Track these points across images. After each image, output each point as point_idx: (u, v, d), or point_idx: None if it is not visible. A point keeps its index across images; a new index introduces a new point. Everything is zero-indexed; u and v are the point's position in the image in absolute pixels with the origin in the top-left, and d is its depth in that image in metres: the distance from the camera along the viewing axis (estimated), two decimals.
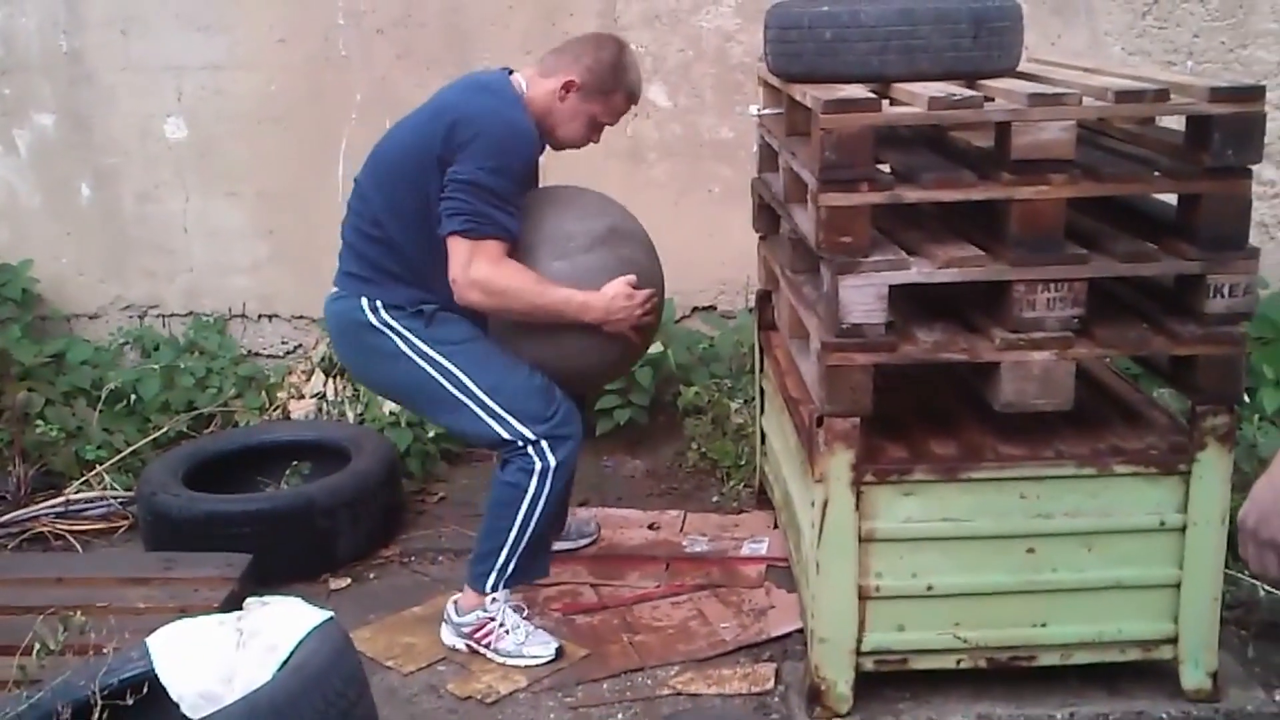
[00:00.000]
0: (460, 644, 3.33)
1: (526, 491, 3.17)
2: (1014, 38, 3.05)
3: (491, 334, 3.27)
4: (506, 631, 3.27)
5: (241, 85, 4.94)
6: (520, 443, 3.17)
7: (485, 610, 3.28)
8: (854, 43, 2.94)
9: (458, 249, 3.12)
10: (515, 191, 3.16)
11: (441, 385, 3.20)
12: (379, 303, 3.24)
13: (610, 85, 3.29)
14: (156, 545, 3.77)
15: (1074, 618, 2.94)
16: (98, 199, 5.08)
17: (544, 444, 3.17)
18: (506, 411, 3.18)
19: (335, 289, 3.37)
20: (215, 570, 3.44)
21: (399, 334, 3.23)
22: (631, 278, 3.24)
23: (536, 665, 3.24)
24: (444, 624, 3.38)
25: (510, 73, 3.33)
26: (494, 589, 3.26)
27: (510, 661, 3.25)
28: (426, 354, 3.22)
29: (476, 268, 3.10)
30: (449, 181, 3.11)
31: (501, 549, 3.22)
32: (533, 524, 3.20)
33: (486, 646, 3.28)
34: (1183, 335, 2.80)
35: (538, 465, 3.17)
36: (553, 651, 3.26)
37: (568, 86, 3.25)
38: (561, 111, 3.28)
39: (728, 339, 4.83)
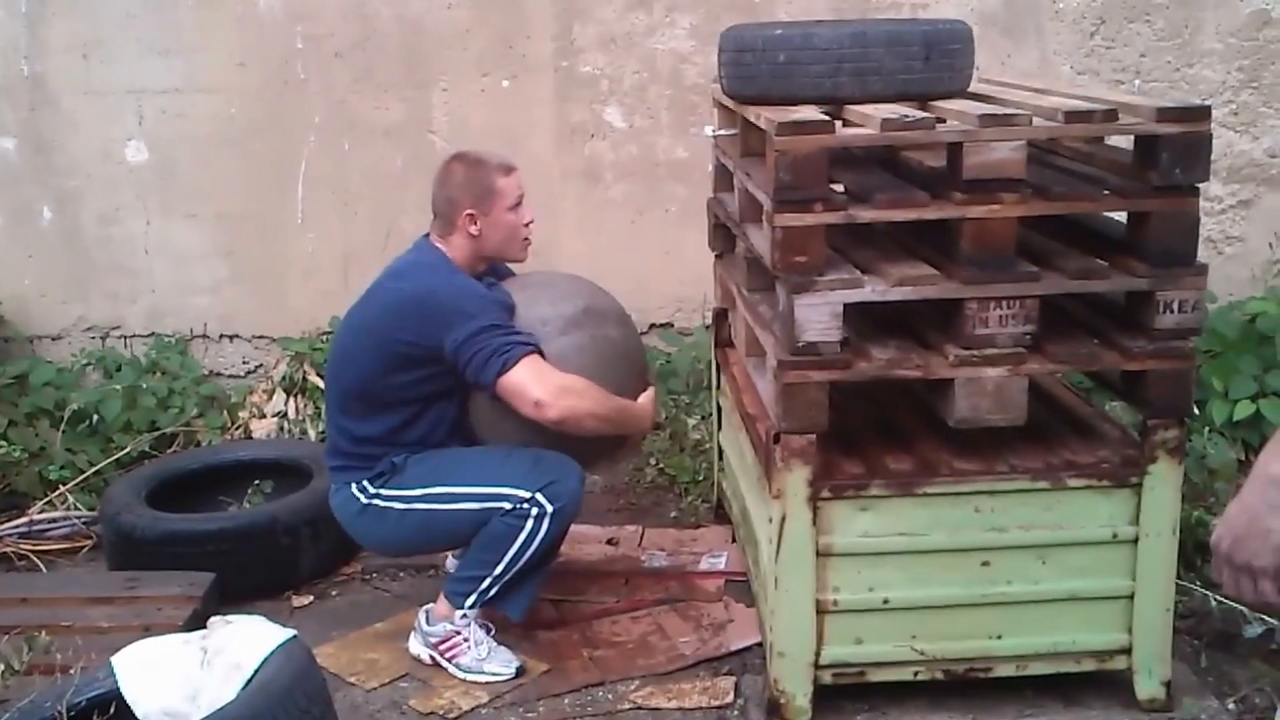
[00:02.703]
0: (425, 654, 3.34)
1: (522, 530, 3.18)
2: (965, 59, 3.10)
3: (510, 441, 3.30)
4: (470, 647, 3.28)
5: (202, 108, 4.95)
6: (518, 504, 3.18)
7: (453, 624, 3.29)
8: (807, 65, 2.99)
9: (514, 381, 3.13)
10: (503, 312, 3.24)
11: (441, 514, 3.23)
12: (365, 483, 3.30)
13: (487, 183, 3.32)
14: (120, 565, 3.76)
15: (1029, 629, 2.98)
16: (59, 221, 5.07)
17: (539, 495, 3.17)
18: (495, 488, 3.19)
19: (332, 485, 3.44)
20: (179, 589, 3.44)
21: (391, 500, 3.27)
22: (654, 387, 3.43)
23: (496, 682, 3.25)
24: (414, 632, 3.39)
25: (426, 237, 3.40)
26: (471, 607, 3.27)
27: (470, 677, 3.27)
28: (414, 499, 3.25)
29: (544, 381, 3.13)
30: (456, 351, 3.15)
31: (487, 578, 3.24)
32: (522, 561, 3.20)
33: (450, 660, 3.30)
34: (1133, 350, 2.85)
35: (534, 511, 3.18)
36: (513, 670, 3.28)
37: (469, 219, 3.30)
38: (489, 236, 3.32)
39: (685, 356, 4.87)
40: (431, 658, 3.33)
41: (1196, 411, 3.95)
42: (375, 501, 3.29)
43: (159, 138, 4.99)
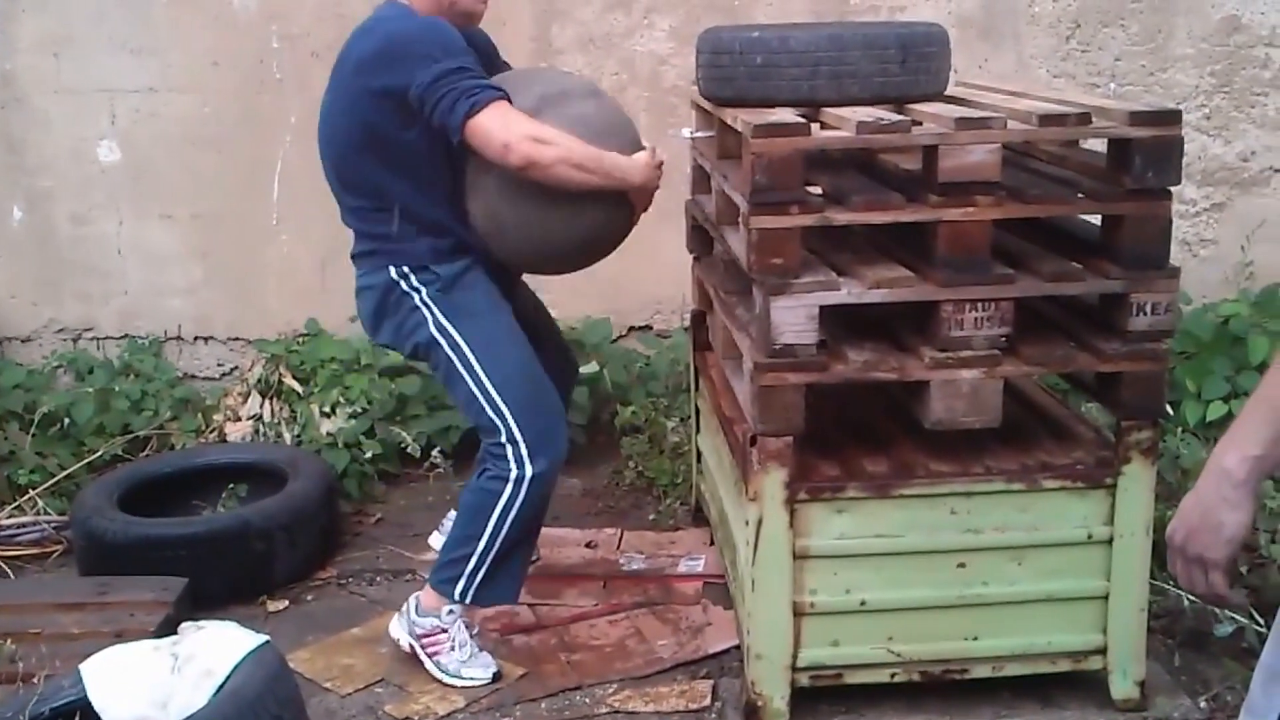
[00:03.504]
0: (406, 642, 3.31)
1: (500, 498, 3.15)
2: (941, 62, 3.11)
3: (512, 228, 3.17)
4: (452, 648, 3.26)
5: (176, 108, 4.93)
6: (505, 440, 3.15)
7: (440, 620, 3.26)
8: (784, 68, 2.99)
9: (481, 126, 2.99)
10: (475, 62, 3.09)
11: (454, 365, 3.18)
12: (405, 268, 3.20)
13: None
14: (91, 570, 3.73)
15: (1005, 630, 2.99)
16: (30, 221, 5.04)
17: (525, 450, 3.14)
18: (505, 405, 3.15)
19: (361, 273, 3.33)
20: (151, 594, 3.42)
21: (425, 305, 3.20)
22: (650, 147, 3.24)
23: (473, 687, 3.24)
24: (398, 615, 3.35)
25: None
26: (463, 596, 3.22)
27: (447, 679, 3.25)
28: (446, 330, 3.18)
29: (511, 125, 2.99)
30: (420, 94, 3.01)
31: (471, 556, 3.19)
32: (504, 532, 3.16)
33: (430, 656, 3.27)
34: (1107, 352, 2.86)
35: (513, 472, 3.15)
36: (490, 676, 3.26)
37: None
38: None
39: (664, 358, 4.87)
40: (411, 647, 3.30)
41: (1170, 412, 3.97)
42: (412, 294, 3.21)
43: (132, 137, 4.96)
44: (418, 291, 3.22)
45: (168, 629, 3.07)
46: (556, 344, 3.68)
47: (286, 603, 3.76)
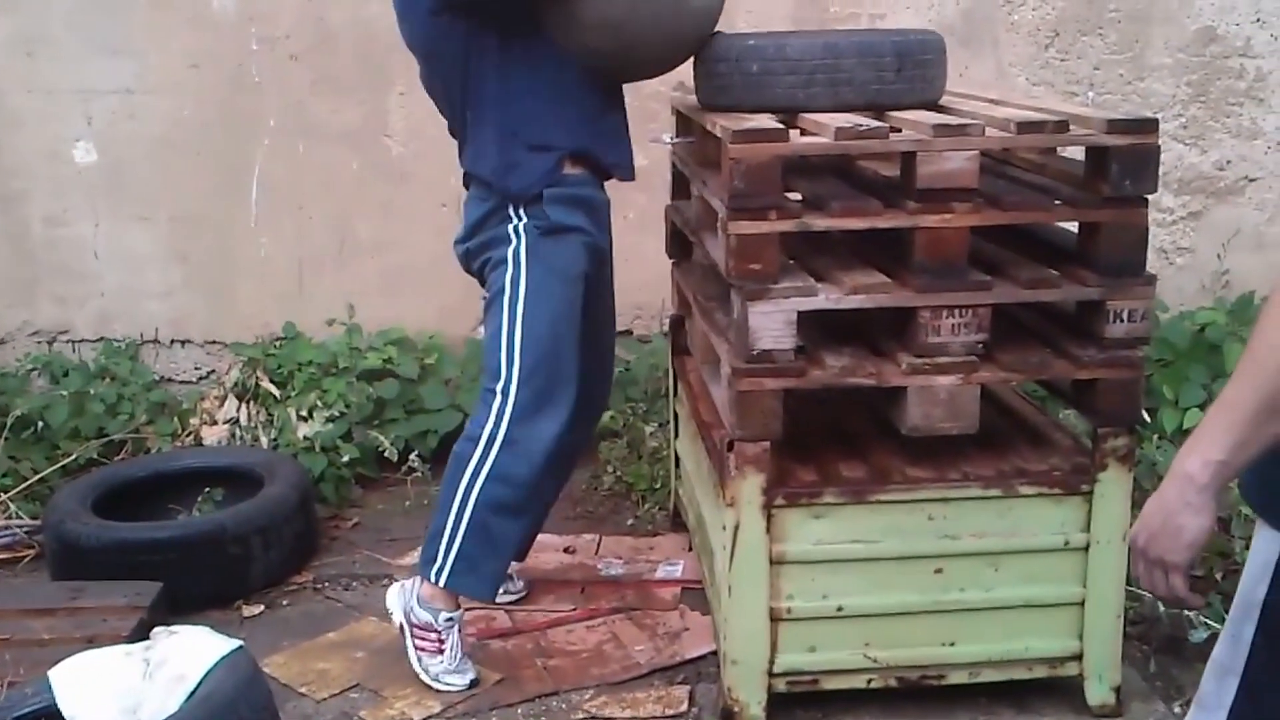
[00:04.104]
0: (399, 619, 3.28)
1: (469, 461, 3.13)
2: (937, 70, 3.11)
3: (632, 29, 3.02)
4: (439, 652, 3.24)
5: (153, 110, 4.90)
6: (499, 389, 3.13)
7: (437, 620, 3.22)
8: (780, 75, 2.99)
9: None
10: None
11: (503, 295, 3.15)
12: (522, 210, 3.15)
13: None
14: (64, 575, 3.71)
15: (982, 636, 3.00)
16: (4, 223, 5.00)
17: (510, 407, 3.11)
18: (519, 356, 3.13)
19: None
20: (124, 599, 3.39)
21: (519, 235, 3.15)
22: None
23: (449, 691, 3.23)
24: (401, 585, 3.32)
25: None
26: (438, 576, 3.17)
27: (425, 679, 3.24)
28: (521, 262, 3.15)
29: None
30: None
31: (444, 529, 3.16)
32: (472, 498, 3.12)
33: (417, 649, 3.26)
34: (1083, 359, 2.87)
35: (487, 429, 3.12)
36: (467, 683, 3.24)
37: None
38: None
39: (643, 363, 4.86)
40: (402, 627, 3.28)
41: (1147, 419, 3.99)
42: (512, 231, 3.17)
43: (109, 139, 4.93)
44: (516, 231, 3.17)
45: (141, 634, 3.04)
46: (603, 369, 3.58)
47: (262, 607, 3.74)
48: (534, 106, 3.13)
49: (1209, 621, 3.24)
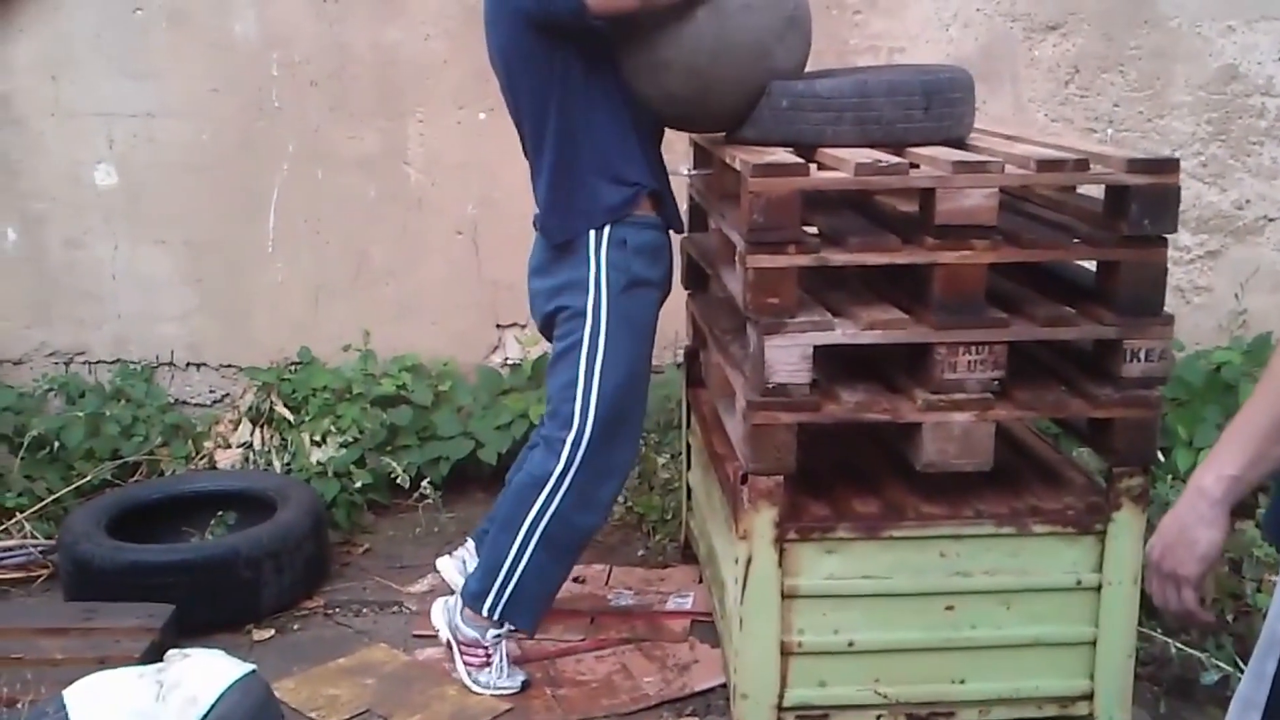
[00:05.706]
0: (445, 635, 3.37)
1: (533, 504, 3.18)
2: (965, 108, 3.10)
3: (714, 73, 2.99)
4: (487, 664, 3.32)
5: (173, 134, 4.93)
6: (566, 434, 3.15)
7: (484, 637, 3.30)
8: (809, 112, 2.99)
9: None
10: None
11: (580, 348, 3.16)
12: (604, 236, 3.15)
13: None
14: (78, 595, 3.71)
15: (992, 674, 2.99)
16: (24, 244, 5.03)
17: (580, 455, 3.15)
18: (594, 406, 3.15)
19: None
20: (137, 620, 3.40)
21: (599, 288, 3.14)
22: None
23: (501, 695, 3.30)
24: (445, 601, 3.40)
25: None
26: (491, 611, 3.25)
27: (477, 689, 3.31)
28: (601, 316, 3.14)
29: None
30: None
31: (501, 565, 3.21)
32: (534, 540, 3.18)
33: (465, 664, 3.33)
34: (1100, 398, 2.87)
35: (555, 474, 3.16)
36: (519, 685, 3.32)
37: None
38: None
39: (656, 394, 4.84)
40: (449, 643, 3.36)
41: (1161, 459, 3.97)
42: (593, 259, 3.16)
43: (129, 162, 4.96)
44: (599, 259, 3.16)
45: (153, 656, 3.04)
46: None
47: (273, 632, 3.75)
48: (618, 142, 3.16)
49: (1220, 664, 3.23)
